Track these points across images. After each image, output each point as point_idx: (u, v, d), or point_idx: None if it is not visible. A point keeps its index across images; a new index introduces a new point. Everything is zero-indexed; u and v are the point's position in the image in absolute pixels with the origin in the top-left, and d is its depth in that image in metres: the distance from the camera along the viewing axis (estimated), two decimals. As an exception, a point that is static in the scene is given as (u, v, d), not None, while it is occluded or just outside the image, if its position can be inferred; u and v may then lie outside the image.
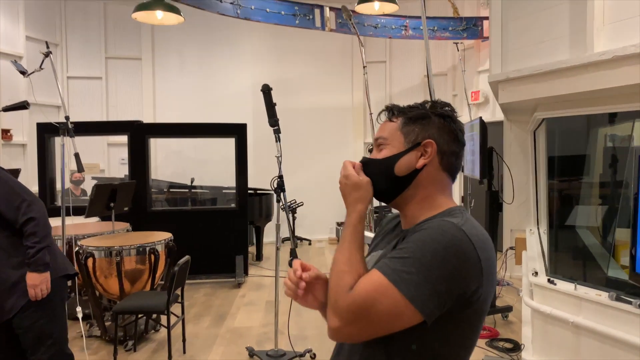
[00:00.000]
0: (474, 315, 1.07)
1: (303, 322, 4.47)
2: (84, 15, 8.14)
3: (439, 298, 0.99)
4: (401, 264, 1.00)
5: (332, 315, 1.03)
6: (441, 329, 1.04)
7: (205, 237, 5.78)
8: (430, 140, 1.13)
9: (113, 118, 8.13)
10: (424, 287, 0.98)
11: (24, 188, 2.35)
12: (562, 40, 3.00)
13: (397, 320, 1.00)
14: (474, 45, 7.73)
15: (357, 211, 1.13)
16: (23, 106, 2.53)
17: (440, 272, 0.98)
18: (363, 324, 1.01)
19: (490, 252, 1.06)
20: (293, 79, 8.50)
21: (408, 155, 1.13)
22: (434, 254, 0.99)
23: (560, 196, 4.48)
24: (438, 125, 1.15)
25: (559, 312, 3.29)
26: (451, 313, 1.03)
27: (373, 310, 1.00)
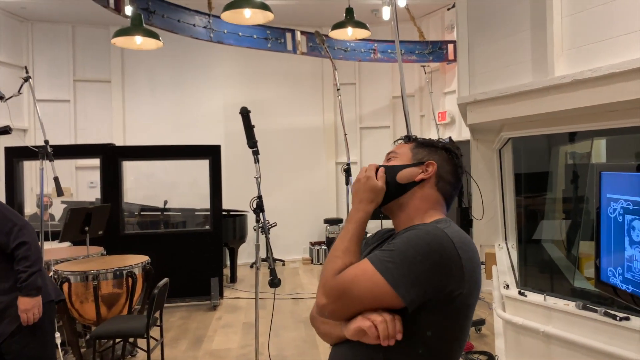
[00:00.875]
0: (456, 312, 1.16)
1: (282, 343, 4.49)
2: (52, 38, 8.06)
3: (420, 288, 1.10)
4: (387, 255, 1.13)
5: (321, 294, 1.16)
6: (432, 326, 1.14)
7: (180, 259, 5.74)
8: (433, 162, 1.30)
9: (82, 141, 8.01)
10: (406, 277, 1.10)
11: (14, 213, 2.35)
12: (525, 64, 3.19)
13: (377, 301, 1.11)
14: (440, 68, 8.02)
15: (366, 211, 1.26)
16: (5, 131, 2.53)
17: (422, 266, 1.10)
18: (345, 302, 1.13)
19: (471, 253, 1.17)
20: (265, 100, 8.60)
21: (411, 168, 1.29)
22: (417, 249, 1.12)
23: (526, 212, 4.68)
24: (443, 156, 1.32)
25: (530, 323, 3.43)
26: (437, 310, 1.13)
27: (355, 289, 1.12)
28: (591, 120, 3.05)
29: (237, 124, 3.69)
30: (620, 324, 2.79)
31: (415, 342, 1.14)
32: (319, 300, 1.16)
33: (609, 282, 2.30)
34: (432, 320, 1.14)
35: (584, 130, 3.33)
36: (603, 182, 2.35)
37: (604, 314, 2.91)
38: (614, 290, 2.26)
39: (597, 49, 2.75)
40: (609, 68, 2.58)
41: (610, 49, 2.68)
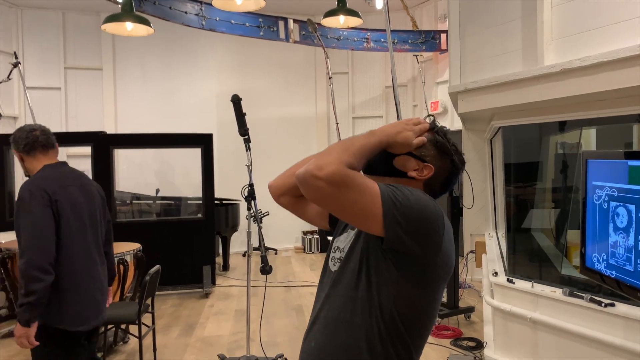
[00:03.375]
0: (426, 281, 1.20)
1: (273, 329, 4.52)
2: (42, 25, 7.97)
3: (405, 230, 1.12)
4: (393, 190, 1.14)
5: (318, 166, 1.08)
6: (408, 293, 1.18)
7: (172, 247, 5.76)
8: (432, 167, 1.28)
9: (73, 129, 7.96)
10: (399, 215, 1.12)
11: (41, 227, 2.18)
12: (515, 54, 3.21)
13: (363, 216, 1.12)
14: (433, 57, 8.02)
15: (381, 142, 1.23)
16: (-7, 117, 2.51)
17: (417, 214, 1.14)
18: (337, 194, 1.09)
19: (450, 234, 1.22)
20: (257, 89, 8.58)
21: (410, 158, 1.28)
22: (418, 200, 1.15)
23: (516, 201, 4.72)
24: (445, 166, 1.30)
25: (518, 309, 3.49)
26: (409, 272, 1.17)
27: (354, 193, 1.10)
28: (580, 110, 3.08)
29: (229, 112, 3.69)
30: (605, 310, 2.84)
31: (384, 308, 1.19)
32: (314, 170, 1.08)
33: (594, 269, 2.34)
34: (402, 283, 1.18)
35: (573, 119, 3.36)
36: (589, 169, 2.38)
37: (589, 300, 2.96)
38: (600, 277, 2.30)
39: (586, 38, 2.77)
40: (597, 57, 2.60)
41: (599, 38, 2.70)
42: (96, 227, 2.47)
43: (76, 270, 2.31)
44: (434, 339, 4.23)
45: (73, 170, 2.47)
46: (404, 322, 1.20)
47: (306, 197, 1.14)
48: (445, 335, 4.29)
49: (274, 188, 1.57)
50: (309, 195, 1.12)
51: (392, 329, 1.19)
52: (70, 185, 2.36)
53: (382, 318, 1.19)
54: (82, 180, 2.47)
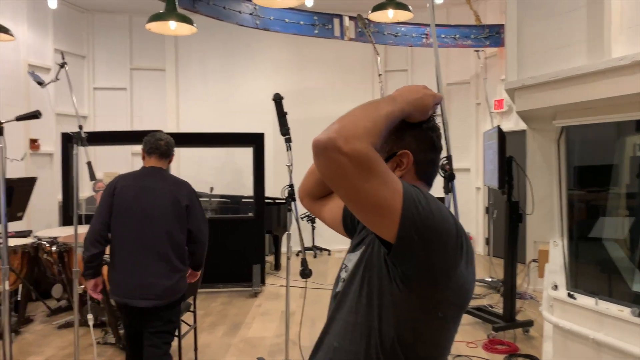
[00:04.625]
0: (446, 302, 1.04)
1: (315, 333, 4.40)
2: (111, 28, 8.35)
3: (421, 236, 0.96)
4: (416, 190, 0.99)
5: (344, 137, 0.90)
6: (412, 317, 1.03)
7: (223, 245, 5.80)
8: (406, 151, 1.12)
9: (137, 128, 8.27)
10: (418, 218, 0.95)
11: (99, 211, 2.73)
12: (579, 46, 2.90)
13: (379, 209, 0.95)
14: (497, 53, 7.60)
15: (402, 111, 1.07)
16: (35, 115, 2.59)
17: (437, 223, 0.98)
18: (357, 172, 0.91)
19: (472, 249, 1.06)
20: (313, 88, 8.52)
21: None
22: (440, 210, 1.00)
23: (585, 207, 4.34)
24: (414, 134, 1.14)
25: (579, 328, 3.16)
26: (424, 291, 1.01)
27: (375, 179, 0.92)
28: (655, 107, 2.73)
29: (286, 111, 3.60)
30: (680, 336, 2.49)
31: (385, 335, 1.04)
32: (338, 140, 0.89)
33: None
34: (406, 306, 1.03)
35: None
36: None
37: (661, 324, 2.61)
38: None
39: (661, 25, 2.44)
40: (673, 47, 2.28)
41: (677, 26, 2.36)
42: (155, 221, 2.74)
43: (121, 252, 2.73)
44: (486, 353, 3.96)
45: (158, 174, 2.85)
46: (406, 352, 1.04)
47: (319, 171, 0.96)
48: (499, 350, 4.00)
49: (299, 189, 1.47)
50: (324, 168, 0.93)
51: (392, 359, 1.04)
52: (138, 184, 2.78)
53: (381, 347, 1.04)
54: (158, 183, 2.81)
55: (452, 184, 2.70)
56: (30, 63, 6.83)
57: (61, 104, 7.14)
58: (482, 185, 8.14)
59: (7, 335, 2.77)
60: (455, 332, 1.11)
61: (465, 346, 4.09)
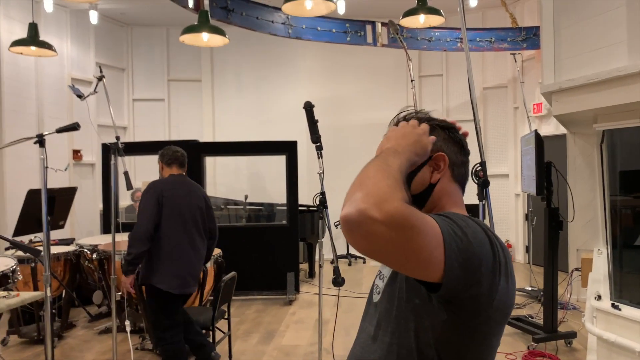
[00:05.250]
0: (489, 324, 1.00)
1: (350, 342, 4.37)
2: (149, 41, 8.60)
3: (465, 275, 0.91)
4: (449, 223, 0.94)
5: (374, 203, 0.83)
6: (454, 341, 0.99)
7: (257, 253, 5.84)
8: (442, 154, 1.10)
9: (175, 138, 8.46)
10: (460, 257, 0.90)
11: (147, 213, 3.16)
12: (619, 46, 2.79)
13: (425, 264, 0.88)
14: (535, 56, 7.40)
15: (409, 160, 1.01)
16: (74, 127, 2.68)
17: (476, 253, 0.93)
18: (398, 236, 0.84)
19: (508, 255, 1.01)
20: (347, 95, 8.52)
21: (422, 171, 1.09)
22: (475, 235, 0.94)
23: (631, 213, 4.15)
24: (443, 137, 1.12)
25: (625, 341, 3.02)
26: (467, 318, 0.97)
27: (417, 235, 0.86)
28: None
29: (319, 119, 3.60)
30: None
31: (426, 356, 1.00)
32: (370, 210, 0.82)
33: None
34: (449, 331, 0.98)
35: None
36: None
37: None
38: None
39: None
40: None
41: None
42: (196, 220, 3.34)
43: (172, 247, 3.19)
44: (525, 365, 3.83)
45: (186, 180, 3.45)
46: None
47: (357, 248, 0.87)
48: (540, 362, 3.87)
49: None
50: (363, 243, 0.85)
51: None
52: (179, 189, 3.32)
53: None
54: (190, 187, 3.43)
55: (486, 190, 2.63)
56: (73, 76, 7.10)
57: (102, 115, 7.38)
58: (521, 191, 7.93)
59: (48, 340, 2.86)
60: (498, 345, 1.07)
61: (504, 358, 3.96)
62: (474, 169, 2.91)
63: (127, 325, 3.22)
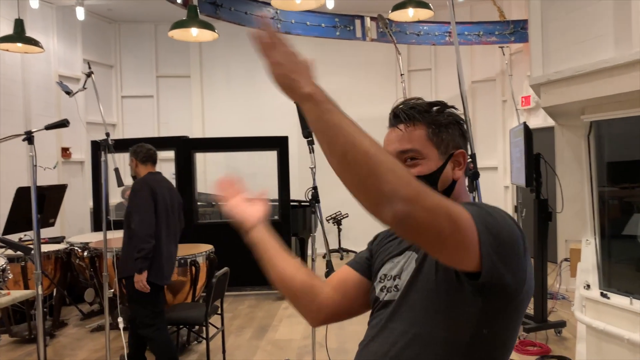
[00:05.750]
0: (521, 307, 1.03)
1: (345, 335, 4.41)
2: (137, 37, 8.53)
3: (500, 258, 0.93)
4: (478, 209, 0.96)
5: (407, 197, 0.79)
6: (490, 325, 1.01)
7: (249, 249, 5.84)
8: (463, 151, 1.13)
9: (164, 134, 8.41)
10: (494, 240, 0.92)
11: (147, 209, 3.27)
12: (605, 38, 2.82)
13: (462, 249, 0.89)
14: (523, 49, 7.45)
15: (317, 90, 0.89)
16: (63, 124, 2.66)
17: (507, 236, 0.96)
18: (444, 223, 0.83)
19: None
20: (336, 90, 8.34)
21: (445, 169, 1.10)
22: (504, 219, 0.98)
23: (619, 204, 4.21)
24: (459, 133, 1.14)
25: (613, 328, 3.07)
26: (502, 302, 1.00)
27: (458, 220, 0.86)
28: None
29: None
30: None
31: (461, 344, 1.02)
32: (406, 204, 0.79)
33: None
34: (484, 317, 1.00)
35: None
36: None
37: (700, 323, 2.51)
38: None
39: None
40: None
41: None
42: (175, 217, 3.55)
43: (161, 243, 3.31)
44: (517, 355, 3.87)
45: (164, 178, 3.66)
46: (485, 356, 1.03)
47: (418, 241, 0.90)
48: (530, 351, 3.92)
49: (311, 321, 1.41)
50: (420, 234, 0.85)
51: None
52: (163, 186, 3.49)
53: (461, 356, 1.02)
54: (168, 184, 3.64)
55: (476, 182, 2.66)
56: (60, 73, 7.03)
57: (91, 112, 7.32)
58: (510, 183, 8.00)
59: (40, 339, 2.85)
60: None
61: (495, 348, 4.01)
62: (465, 161, 2.96)
63: (120, 322, 3.21)
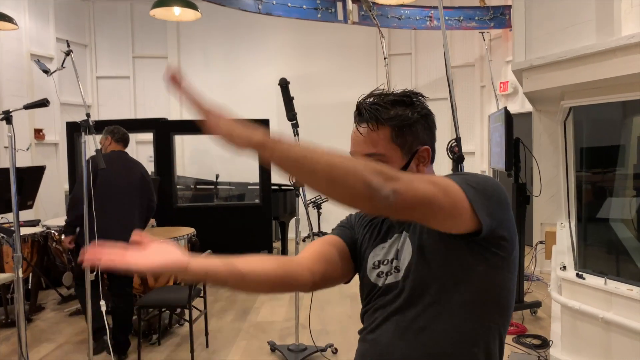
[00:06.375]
0: (515, 255, 1.10)
1: (326, 317, 4.46)
2: (112, 16, 8.29)
3: (493, 212, 1.01)
4: (458, 176, 1.02)
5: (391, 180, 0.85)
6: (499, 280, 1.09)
7: (230, 232, 5.83)
8: (427, 147, 1.15)
9: (141, 116, 8.25)
10: (483, 199, 0.99)
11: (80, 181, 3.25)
12: (587, 25, 2.87)
13: (456, 215, 0.96)
14: (502, 35, 7.53)
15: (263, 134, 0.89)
16: (43, 104, 2.59)
17: (492, 193, 1.02)
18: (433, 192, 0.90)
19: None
20: (317, 73, 8.47)
21: (409, 167, 1.13)
22: (486, 180, 1.04)
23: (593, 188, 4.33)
24: (424, 127, 1.15)
25: (588, 308, 3.18)
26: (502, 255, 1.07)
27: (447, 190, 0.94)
28: (665, 86, 2.71)
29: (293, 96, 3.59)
30: (690, 313, 2.50)
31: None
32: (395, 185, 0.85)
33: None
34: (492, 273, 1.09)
35: (657, 97, 2.97)
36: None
37: (671, 302, 2.62)
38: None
39: (672, 2, 2.41)
40: (685, 23, 2.25)
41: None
42: (132, 194, 3.69)
43: (103, 217, 3.31)
44: (494, 334, 3.98)
45: (128, 158, 3.86)
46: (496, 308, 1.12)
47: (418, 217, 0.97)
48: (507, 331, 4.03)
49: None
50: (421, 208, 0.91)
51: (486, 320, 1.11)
52: (118, 164, 3.67)
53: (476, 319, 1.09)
54: (127, 164, 3.80)
55: (461, 166, 2.70)
56: (32, 52, 6.80)
57: (65, 93, 7.12)
58: (487, 167, 8.13)
59: (22, 323, 2.80)
60: None
61: (473, 328, 4.11)
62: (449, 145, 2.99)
63: (102, 306, 3.17)
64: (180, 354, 3.72)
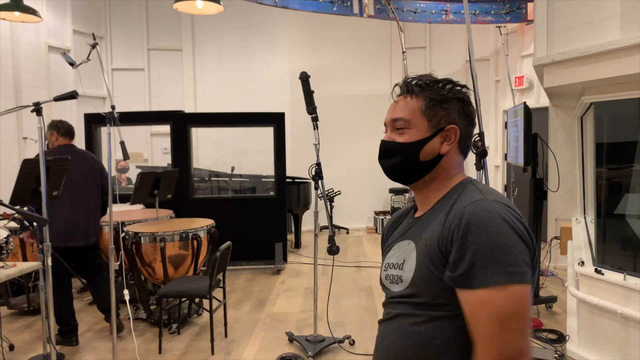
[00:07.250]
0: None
1: (342, 309, 4.50)
2: (127, 9, 8.34)
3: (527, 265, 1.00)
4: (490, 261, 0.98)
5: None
6: None
7: (245, 224, 5.88)
8: (455, 127, 1.15)
9: (155, 108, 8.32)
10: (522, 264, 0.98)
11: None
12: (612, 20, 2.86)
13: (528, 305, 0.99)
14: (518, 29, 7.48)
15: None
16: (72, 96, 2.63)
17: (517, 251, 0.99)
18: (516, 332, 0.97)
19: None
20: (330, 67, 8.48)
21: (432, 140, 1.14)
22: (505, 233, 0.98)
23: (609, 184, 4.32)
24: (458, 109, 1.16)
25: (607, 303, 3.19)
26: None
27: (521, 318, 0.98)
28: (690, 82, 2.70)
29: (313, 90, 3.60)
30: None
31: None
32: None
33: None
34: None
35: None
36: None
37: (693, 298, 2.63)
38: None
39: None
40: None
41: None
42: (88, 182, 3.85)
43: (60, 207, 3.55)
44: (510, 328, 4.00)
45: (78, 150, 3.93)
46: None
47: None
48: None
49: None
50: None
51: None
52: (65, 154, 3.59)
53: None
54: (77, 155, 3.83)
55: (484, 160, 2.71)
56: (50, 44, 6.87)
57: (80, 85, 7.19)
58: (501, 162, 8.12)
59: (51, 310, 2.86)
60: None
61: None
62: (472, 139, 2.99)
63: (126, 295, 3.23)
64: (200, 343, 3.78)
